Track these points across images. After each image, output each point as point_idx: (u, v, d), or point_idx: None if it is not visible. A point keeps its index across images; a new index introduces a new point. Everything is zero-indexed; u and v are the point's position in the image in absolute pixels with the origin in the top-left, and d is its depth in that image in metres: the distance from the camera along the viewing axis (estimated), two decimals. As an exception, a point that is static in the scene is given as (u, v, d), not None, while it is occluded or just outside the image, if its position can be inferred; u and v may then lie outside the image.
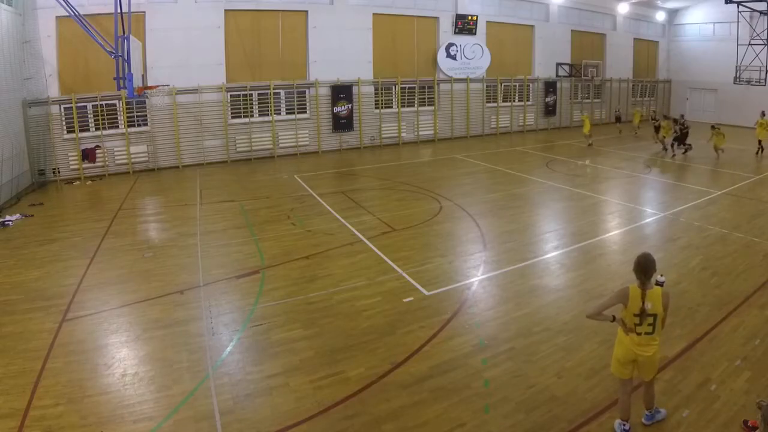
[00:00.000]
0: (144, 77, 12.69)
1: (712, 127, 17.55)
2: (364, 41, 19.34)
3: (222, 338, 5.83)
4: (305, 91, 18.52)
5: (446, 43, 21.15)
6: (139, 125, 16.01)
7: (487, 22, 22.28)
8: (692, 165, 15.96)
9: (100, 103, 15.03)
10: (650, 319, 3.93)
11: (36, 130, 14.15)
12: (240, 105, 17.42)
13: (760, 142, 17.58)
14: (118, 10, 11.22)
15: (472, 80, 22.12)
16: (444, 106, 21.68)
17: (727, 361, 5.17)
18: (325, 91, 18.73)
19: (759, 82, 23.84)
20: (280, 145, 18.11)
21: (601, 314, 4.05)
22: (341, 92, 18.89)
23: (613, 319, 4.08)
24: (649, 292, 3.92)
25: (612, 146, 19.99)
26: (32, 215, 11.10)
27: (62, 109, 14.81)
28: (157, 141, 16.12)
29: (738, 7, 23.45)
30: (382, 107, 20.14)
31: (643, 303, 3.88)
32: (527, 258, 8.20)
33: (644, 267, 3.90)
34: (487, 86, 22.84)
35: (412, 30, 20.65)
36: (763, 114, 17.55)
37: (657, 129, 19.14)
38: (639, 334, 3.97)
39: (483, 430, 4.31)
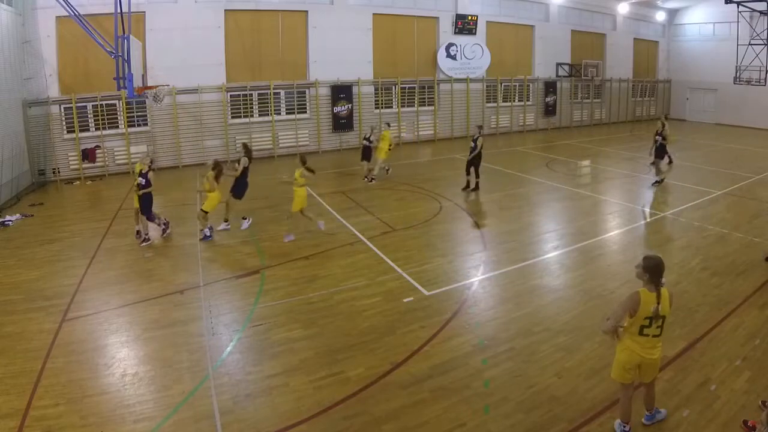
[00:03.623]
0: (144, 77, 12.67)
1: (388, 125, 14.03)
2: (364, 41, 19.32)
3: (222, 338, 5.83)
4: (305, 91, 18.51)
5: (446, 43, 21.14)
6: (139, 125, 16.00)
7: (487, 22, 22.26)
8: (691, 165, 15.90)
9: (100, 103, 15.01)
10: (659, 321, 3.94)
11: (36, 130, 14.13)
12: (240, 105, 17.41)
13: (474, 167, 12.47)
14: (118, 10, 11.21)
15: (472, 80, 22.10)
16: (444, 106, 21.66)
17: (727, 361, 5.17)
18: (325, 91, 18.72)
19: (759, 82, 23.81)
20: (280, 145, 18.10)
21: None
22: (341, 92, 18.87)
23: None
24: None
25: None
26: (32, 215, 11.09)
27: (62, 109, 14.80)
28: (157, 141, 16.12)
29: (738, 7, 23.42)
30: (382, 107, 20.11)
31: (659, 305, 3.88)
32: (527, 258, 8.20)
33: (660, 270, 3.90)
34: (487, 86, 22.82)
35: (412, 30, 20.63)
36: (388, 125, 14.80)
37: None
38: (647, 336, 3.97)
39: (483, 430, 4.32)
